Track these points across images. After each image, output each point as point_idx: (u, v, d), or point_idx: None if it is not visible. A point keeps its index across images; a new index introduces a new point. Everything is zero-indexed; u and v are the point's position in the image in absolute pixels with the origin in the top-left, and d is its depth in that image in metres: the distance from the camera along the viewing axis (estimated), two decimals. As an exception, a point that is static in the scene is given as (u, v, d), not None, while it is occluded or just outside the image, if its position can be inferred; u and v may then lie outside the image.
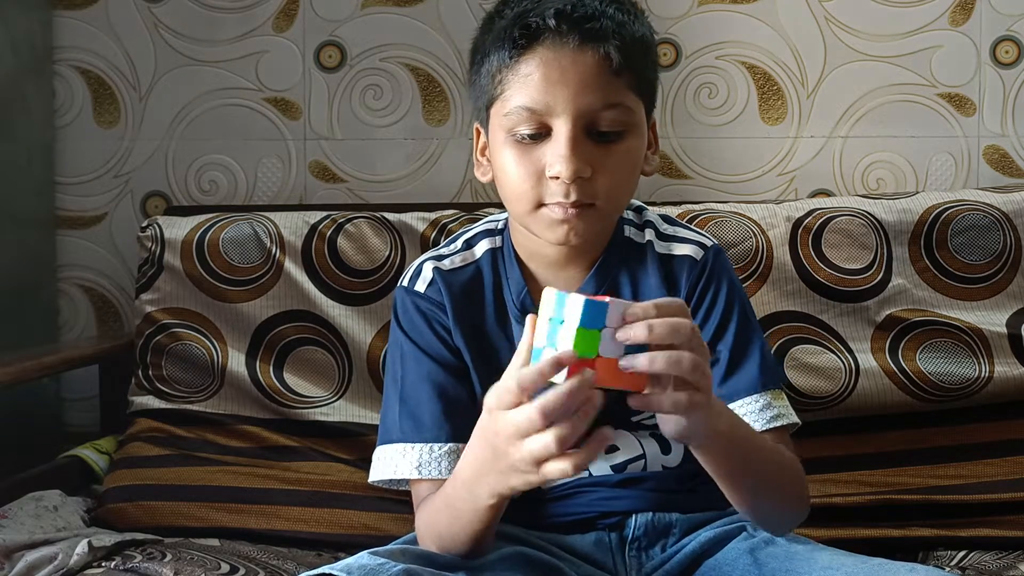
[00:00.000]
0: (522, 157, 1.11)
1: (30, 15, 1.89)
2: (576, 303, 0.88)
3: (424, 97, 1.95)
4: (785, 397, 1.17)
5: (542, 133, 1.10)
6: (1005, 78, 1.88)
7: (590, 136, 1.10)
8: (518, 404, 0.89)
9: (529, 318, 0.92)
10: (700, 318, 1.17)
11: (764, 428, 1.12)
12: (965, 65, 1.88)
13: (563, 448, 0.87)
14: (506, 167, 1.13)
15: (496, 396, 0.91)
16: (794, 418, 1.15)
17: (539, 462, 0.89)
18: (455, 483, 1.03)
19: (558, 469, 0.88)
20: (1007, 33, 1.88)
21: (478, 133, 1.20)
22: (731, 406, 1.12)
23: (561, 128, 1.08)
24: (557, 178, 1.09)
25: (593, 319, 0.88)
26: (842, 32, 1.89)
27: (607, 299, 0.89)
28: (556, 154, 1.08)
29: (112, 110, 1.97)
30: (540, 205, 1.11)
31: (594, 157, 1.09)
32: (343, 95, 1.95)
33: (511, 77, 1.10)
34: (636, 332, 0.88)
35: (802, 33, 1.90)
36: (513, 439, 0.90)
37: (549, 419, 0.87)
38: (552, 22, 1.08)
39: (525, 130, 1.10)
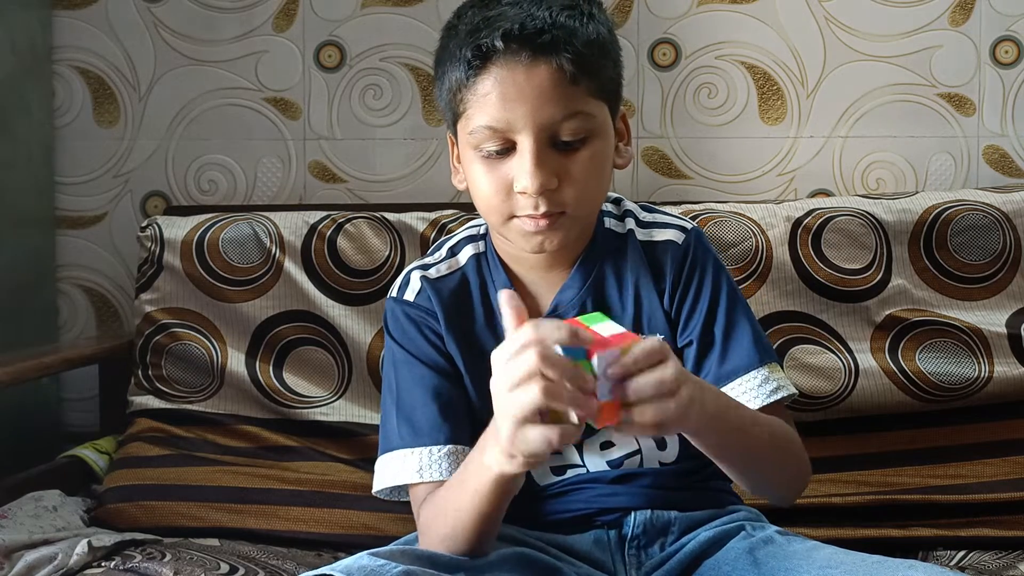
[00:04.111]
0: (490, 172, 1.12)
1: (30, 15, 1.89)
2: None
3: (424, 97, 1.95)
4: (780, 369, 1.18)
5: (507, 148, 1.10)
6: (1005, 78, 1.88)
7: (554, 146, 1.10)
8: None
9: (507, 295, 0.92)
10: (689, 302, 1.18)
11: (765, 402, 1.13)
12: (965, 65, 1.88)
13: (550, 399, 0.86)
14: (476, 182, 1.14)
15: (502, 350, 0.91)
16: (792, 388, 1.17)
17: (524, 420, 0.88)
18: (471, 454, 1.03)
19: (538, 435, 0.87)
20: (1007, 33, 1.88)
21: (452, 142, 1.21)
22: (732, 384, 1.14)
23: (524, 143, 1.09)
24: (525, 192, 1.09)
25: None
26: (842, 32, 1.89)
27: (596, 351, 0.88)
28: (521, 169, 1.09)
29: (112, 110, 1.97)
30: (512, 217, 1.12)
31: (560, 166, 1.10)
32: (343, 95, 1.95)
33: (470, 96, 1.10)
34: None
35: (802, 33, 1.90)
36: (508, 389, 0.88)
37: (546, 368, 0.86)
38: (500, 44, 1.07)
39: (490, 147, 1.10)
